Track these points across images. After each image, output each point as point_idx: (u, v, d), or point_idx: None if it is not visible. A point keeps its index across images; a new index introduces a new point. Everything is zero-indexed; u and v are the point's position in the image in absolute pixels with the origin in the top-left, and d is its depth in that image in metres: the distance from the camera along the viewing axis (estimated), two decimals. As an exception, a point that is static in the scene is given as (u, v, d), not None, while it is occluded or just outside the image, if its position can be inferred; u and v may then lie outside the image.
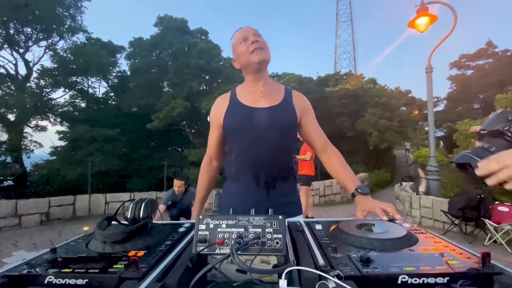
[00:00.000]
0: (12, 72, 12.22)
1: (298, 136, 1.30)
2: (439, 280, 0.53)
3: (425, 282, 0.52)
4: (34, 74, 12.77)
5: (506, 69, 18.66)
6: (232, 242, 0.60)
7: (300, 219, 1.00)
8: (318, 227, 0.85)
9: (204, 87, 15.33)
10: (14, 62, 12.21)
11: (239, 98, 1.21)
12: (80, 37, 13.81)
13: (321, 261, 0.61)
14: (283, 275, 0.49)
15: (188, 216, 4.07)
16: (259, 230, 0.62)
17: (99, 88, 16.23)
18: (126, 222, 0.83)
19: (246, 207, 1.05)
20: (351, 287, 0.48)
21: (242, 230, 0.62)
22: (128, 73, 15.59)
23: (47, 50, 12.90)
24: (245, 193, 1.19)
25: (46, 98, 13.31)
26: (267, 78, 1.22)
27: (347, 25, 65.07)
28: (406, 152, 22.19)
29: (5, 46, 11.75)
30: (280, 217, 0.64)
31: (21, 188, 11.19)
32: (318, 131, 1.25)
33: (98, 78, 15.23)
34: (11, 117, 12.00)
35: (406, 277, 0.53)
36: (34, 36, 12.62)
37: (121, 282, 0.54)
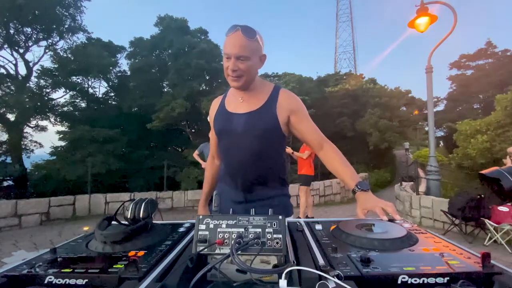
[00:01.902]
0: (12, 72, 12.21)
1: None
2: (439, 280, 0.53)
3: (425, 282, 0.52)
4: (34, 74, 12.77)
5: (506, 69, 18.67)
6: (232, 242, 0.60)
7: (297, 219, 1.00)
8: (318, 227, 0.85)
9: (205, 87, 15.33)
10: (14, 62, 12.20)
11: (226, 102, 1.26)
12: (80, 37, 13.79)
13: (321, 261, 0.61)
14: (283, 275, 0.49)
15: None
16: (259, 230, 0.62)
17: (99, 88, 16.22)
18: (126, 222, 0.83)
19: (229, 207, 1.11)
20: (351, 287, 0.48)
21: (242, 230, 0.62)
22: (128, 73, 15.57)
23: (47, 50, 12.89)
24: (228, 193, 1.26)
25: (46, 98, 13.29)
26: (253, 85, 1.20)
27: (347, 25, 65.03)
28: (406, 152, 22.18)
29: (5, 46, 11.74)
30: (280, 217, 0.64)
31: (21, 188, 11.18)
32: (312, 129, 1.22)
33: (98, 78, 15.22)
34: (11, 117, 12.00)
35: (406, 277, 0.53)
36: (34, 36, 12.60)
37: (121, 282, 0.54)
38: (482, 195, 4.28)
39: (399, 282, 0.53)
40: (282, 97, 1.19)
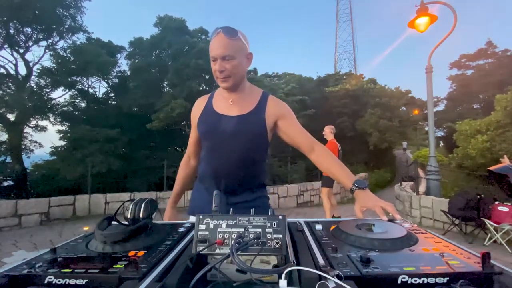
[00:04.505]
0: (12, 72, 12.19)
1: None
2: (439, 280, 0.53)
3: (425, 282, 0.52)
4: (34, 74, 12.75)
5: (506, 69, 18.66)
6: (232, 242, 0.60)
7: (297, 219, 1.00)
8: (318, 227, 0.85)
9: (204, 87, 15.31)
10: (14, 62, 12.18)
11: (213, 103, 1.24)
12: (80, 37, 13.78)
13: (321, 261, 0.61)
14: (283, 275, 0.49)
15: None
16: (259, 230, 0.62)
17: (99, 88, 16.20)
18: (126, 222, 0.83)
19: (208, 208, 1.08)
20: (351, 287, 0.48)
21: (242, 230, 0.62)
22: (128, 73, 15.57)
23: (47, 50, 12.88)
24: (208, 194, 1.23)
25: (46, 98, 13.28)
26: (242, 87, 1.21)
27: (347, 25, 65.08)
28: (404, 151, 22.19)
29: (5, 46, 11.74)
30: (280, 217, 0.64)
31: (21, 188, 11.18)
32: (300, 133, 1.23)
33: (98, 78, 15.22)
34: (11, 117, 11.99)
35: (406, 277, 0.53)
36: (34, 36, 12.59)
37: (121, 282, 0.54)
38: (482, 195, 4.28)
39: (399, 282, 0.53)
40: (270, 104, 1.22)
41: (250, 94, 1.23)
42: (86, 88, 15.23)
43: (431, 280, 0.52)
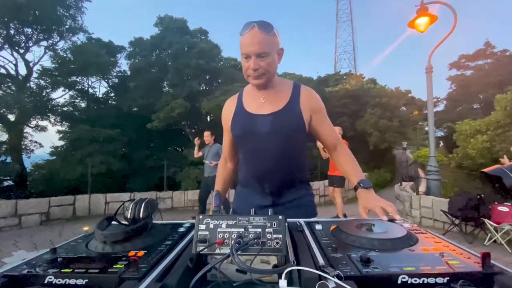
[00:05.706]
0: (12, 72, 12.22)
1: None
2: (439, 280, 0.53)
3: (425, 282, 0.52)
4: (34, 74, 12.77)
5: (505, 69, 18.68)
6: (232, 242, 0.60)
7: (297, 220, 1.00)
8: (318, 227, 0.85)
9: (204, 87, 15.32)
10: (14, 62, 12.21)
11: (244, 103, 1.19)
12: (80, 37, 13.81)
13: (321, 261, 0.61)
14: (283, 275, 0.49)
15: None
16: (259, 230, 0.62)
17: (99, 88, 16.28)
18: (126, 222, 0.83)
19: (248, 211, 1.07)
20: (351, 287, 0.48)
21: (242, 230, 0.62)
22: (128, 73, 15.57)
23: (47, 50, 12.90)
24: (251, 198, 1.22)
25: (46, 98, 13.30)
26: (273, 82, 1.15)
27: (347, 25, 65.06)
28: (403, 151, 22.19)
29: (6, 46, 11.75)
30: (280, 217, 0.64)
31: (21, 188, 11.18)
32: (329, 131, 1.21)
33: (98, 78, 15.22)
34: (11, 117, 12.00)
35: (406, 277, 0.53)
36: (35, 37, 12.61)
37: (121, 282, 0.54)
38: (482, 195, 4.28)
39: (399, 282, 0.53)
40: (304, 95, 1.15)
41: (281, 88, 1.16)
42: (86, 88, 15.25)
43: (431, 280, 0.52)
